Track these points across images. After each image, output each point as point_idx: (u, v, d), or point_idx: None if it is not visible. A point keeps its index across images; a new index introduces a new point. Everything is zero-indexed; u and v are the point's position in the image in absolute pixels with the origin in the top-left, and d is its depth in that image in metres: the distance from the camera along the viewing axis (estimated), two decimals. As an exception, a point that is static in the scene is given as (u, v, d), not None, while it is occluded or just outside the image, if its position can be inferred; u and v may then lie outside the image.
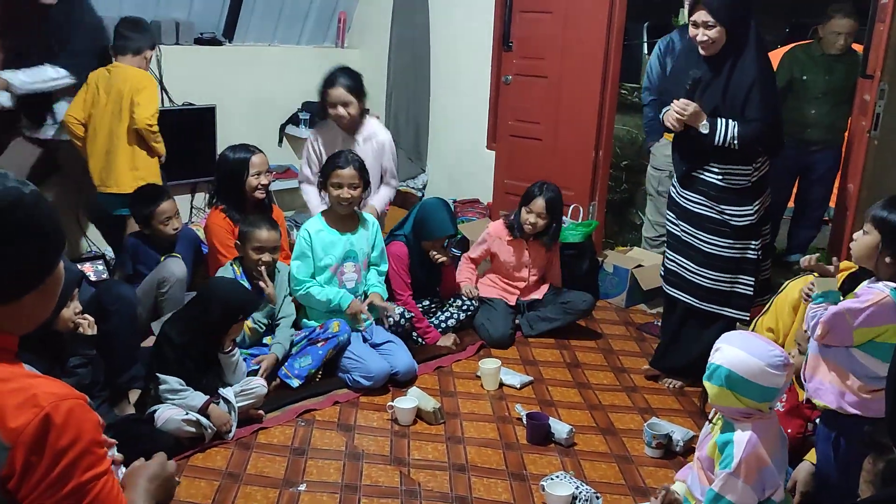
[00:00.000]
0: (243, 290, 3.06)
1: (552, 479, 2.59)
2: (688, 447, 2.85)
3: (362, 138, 3.88)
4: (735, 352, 2.07)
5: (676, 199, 3.26)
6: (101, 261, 4.02)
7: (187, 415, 2.71)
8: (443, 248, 3.79)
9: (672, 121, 3.08)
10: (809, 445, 2.48)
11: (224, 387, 2.89)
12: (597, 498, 2.54)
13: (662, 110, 3.19)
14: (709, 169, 3.10)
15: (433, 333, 3.69)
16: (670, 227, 3.33)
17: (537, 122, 4.76)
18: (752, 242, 3.15)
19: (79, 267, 3.49)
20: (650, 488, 2.63)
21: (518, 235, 3.91)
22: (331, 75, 3.87)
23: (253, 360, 3.16)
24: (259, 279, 3.26)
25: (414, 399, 3.05)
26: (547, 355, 3.70)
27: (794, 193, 4.85)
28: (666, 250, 3.39)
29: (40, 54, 3.65)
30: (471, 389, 3.33)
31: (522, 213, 3.86)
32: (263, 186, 3.57)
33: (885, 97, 3.27)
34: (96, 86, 3.77)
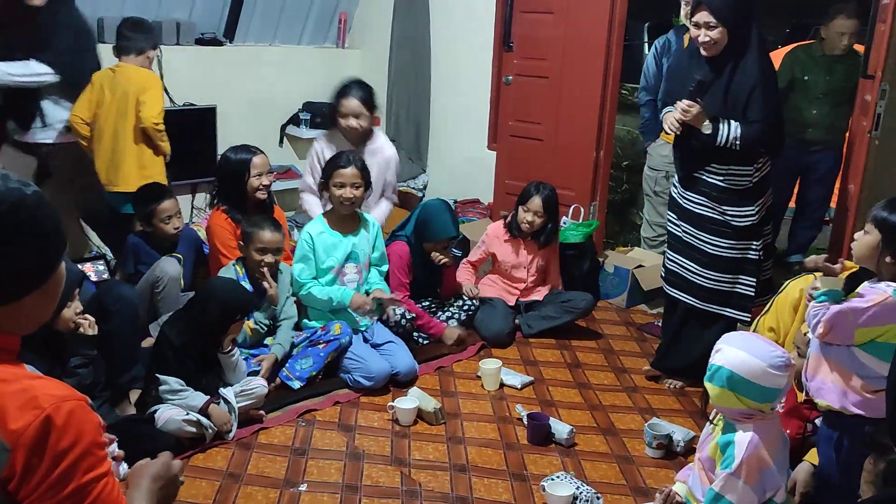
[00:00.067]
0: (242, 290, 3.06)
1: (553, 479, 2.59)
2: (688, 448, 2.85)
3: (369, 151, 3.89)
4: (736, 353, 2.07)
5: (677, 200, 3.26)
6: (101, 261, 4.02)
7: (188, 415, 2.71)
8: (444, 249, 3.79)
9: (671, 123, 3.08)
10: (808, 446, 2.48)
11: (224, 387, 2.89)
12: (597, 498, 2.54)
13: (663, 111, 3.19)
14: (710, 170, 3.09)
15: (437, 325, 3.68)
16: (671, 228, 3.33)
17: (538, 122, 4.76)
18: (754, 243, 3.14)
19: (79, 267, 3.49)
20: (651, 489, 2.62)
21: (516, 234, 3.93)
22: (345, 86, 3.88)
23: (254, 359, 3.16)
24: (262, 279, 3.26)
25: (415, 399, 3.05)
26: (547, 356, 3.70)
27: (794, 194, 4.85)
28: (666, 251, 3.39)
29: (26, 53, 3.64)
30: (471, 390, 3.33)
31: (519, 212, 3.89)
32: (265, 187, 3.57)
33: (886, 97, 3.26)
34: (101, 86, 3.79)
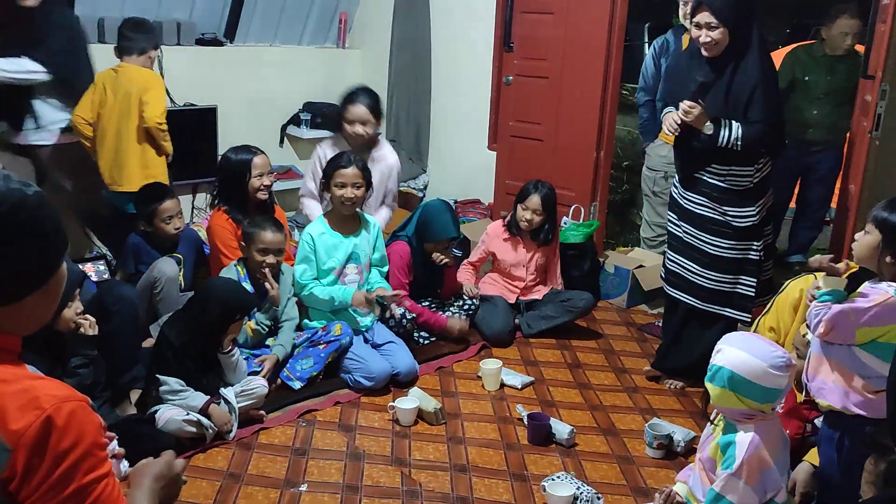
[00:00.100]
0: (241, 289, 3.06)
1: (553, 479, 2.59)
2: (689, 448, 2.85)
3: (373, 159, 3.90)
4: (737, 353, 2.07)
5: (678, 201, 3.26)
6: (102, 261, 4.02)
7: (188, 415, 2.71)
8: (445, 249, 3.79)
9: (669, 124, 3.08)
10: (808, 446, 2.47)
11: (225, 387, 2.89)
12: (598, 498, 2.54)
13: (663, 111, 3.18)
14: (711, 170, 3.09)
15: (439, 319, 3.68)
16: (672, 229, 3.33)
17: (538, 122, 4.76)
18: (755, 243, 3.14)
19: (80, 267, 3.49)
20: (651, 489, 2.62)
21: (514, 233, 3.94)
22: (352, 92, 3.91)
23: (255, 359, 3.16)
24: (263, 280, 3.25)
25: (415, 399, 3.05)
26: (548, 356, 3.70)
27: (795, 194, 4.85)
28: (667, 251, 3.39)
29: (19, 52, 3.64)
30: (472, 390, 3.33)
31: (518, 210, 3.91)
32: (266, 187, 3.57)
33: (887, 98, 3.26)
34: (103, 86, 3.80)
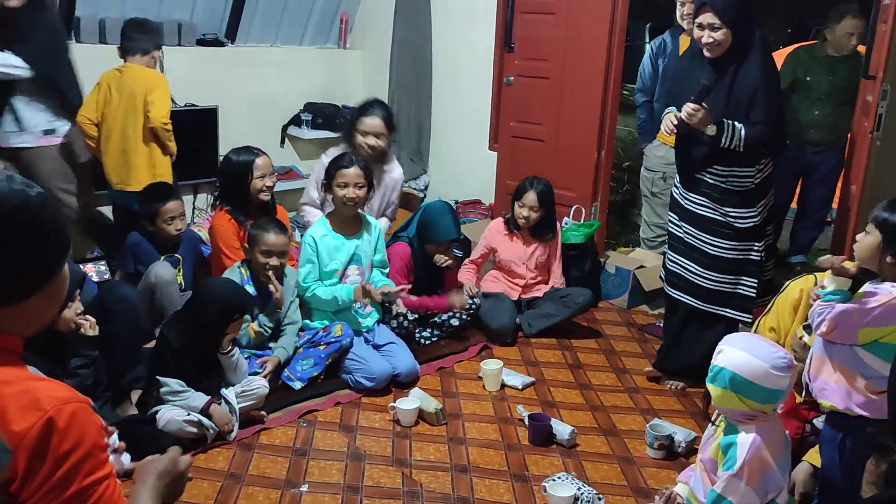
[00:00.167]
0: (239, 289, 3.04)
1: (554, 479, 2.59)
2: (690, 448, 2.85)
3: (381, 170, 3.92)
4: (738, 354, 2.07)
5: (679, 201, 3.26)
6: (103, 262, 4.03)
7: (189, 415, 2.71)
8: (446, 250, 3.79)
9: (666, 125, 3.07)
10: (807, 446, 2.47)
11: (226, 387, 2.90)
12: (599, 499, 2.54)
13: (665, 111, 3.17)
14: (712, 171, 3.09)
15: (439, 302, 3.66)
16: (672, 229, 3.33)
17: (539, 122, 4.76)
18: (756, 244, 3.14)
19: (81, 268, 3.49)
20: (652, 489, 2.62)
21: (513, 229, 3.97)
22: (368, 104, 3.92)
23: (257, 360, 3.15)
24: (267, 282, 3.23)
25: (416, 400, 3.05)
26: (549, 356, 3.70)
27: (796, 194, 4.85)
28: (667, 252, 3.38)
29: (1, 48, 3.63)
30: (472, 390, 3.33)
31: (515, 208, 3.94)
32: (268, 188, 3.56)
33: (888, 98, 3.26)
34: (108, 86, 3.81)
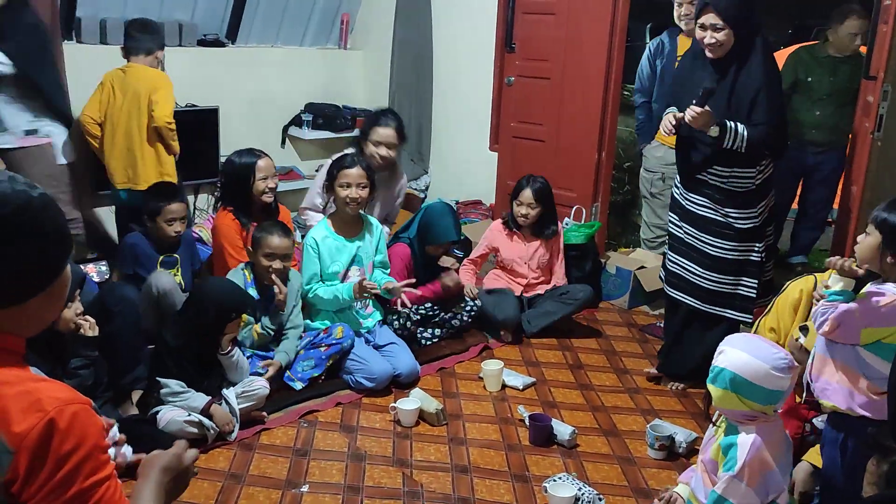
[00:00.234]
0: (236, 288, 3.03)
1: (555, 480, 2.59)
2: (690, 449, 2.85)
3: (389, 179, 3.95)
4: (739, 355, 2.07)
5: (679, 202, 3.25)
6: (104, 262, 4.03)
7: (190, 416, 2.71)
8: (446, 252, 3.79)
9: (665, 124, 3.07)
10: (807, 446, 2.47)
11: (228, 386, 2.90)
12: (599, 499, 2.54)
13: (666, 111, 3.17)
14: (713, 172, 3.08)
15: (434, 288, 3.66)
16: (673, 230, 3.32)
17: (540, 123, 4.76)
18: (756, 245, 3.14)
19: (81, 268, 3.49)
20: (653, 490, 2.62)
21: (514, 228, 3.99)
22: (381, 114, 3.94)
23: (262, 362, 3.14)
24: (270, 285, 3.21)
25: (416, 400, 3.05)
26: (549, 357, 3.70)
27: (797, 195, 4.84)
28: (667, 252, 3.38)
29: None
30: (473, 391, 3.33)
31: (514, 207, 3.95)
32: (271, 190, 3.55)
33: (889, 98, 3.26)
34: (111, 86, 3.82)
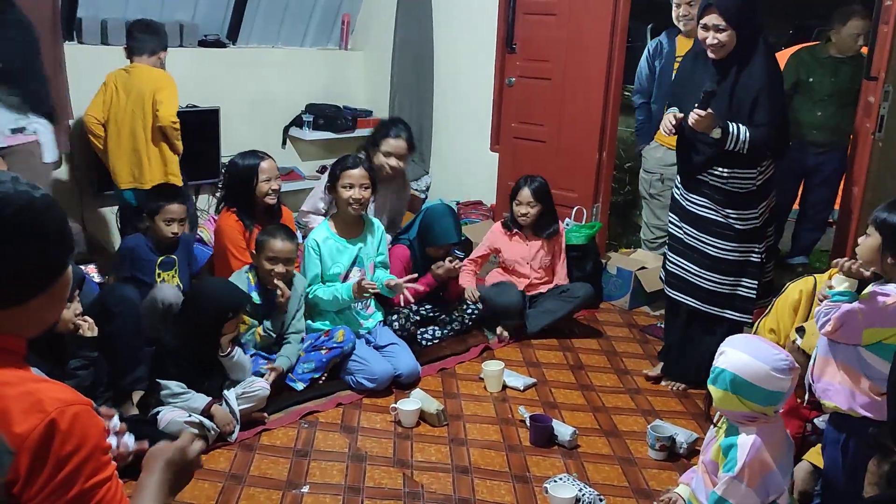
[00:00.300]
0: (234, 288, 3.02)
1: (555, 481, 2.59)
2: (691, 449, 2.85)
3: (395, 188, 3.97)
4: (740, 355, 2.07)
5: (680, 202, 3.25)
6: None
7: (190, 416, 2.71)
8: (446, 254, 3.78)
9: (665, 124, 3.07)
10: (808, 446, 2.48)
11: (231, 385, 2.90)
12: (600, 500, 2.54)
13: (667, 111, 3.17)
14: (714, 173, 3.08)
15: (428, 279, 3.65)
16: (673, 230, 3.32)
17: (541, 123, 4.76)
18: (756, 246, 3.14)
19: (82, 268, 3.48)
20: (654, 490, 2.62)
21: (513, 228, 4.00)
22: (392, 125, 3.95)
23: (265, 364, 3.13)
24: (274, 289, 3.20)
25: (417, 401, 3.05)
26: (550, 357, 3.70)
27: (798, 195, 4.84)
28: (667, 252, 3.38)
29: None
30: (474, 391, 3.33)
31: (514, 207, 3.96)
32: (274, 192, 3.54)
33: (890, 99, 3.26)
34: (115, 86, 3.83)
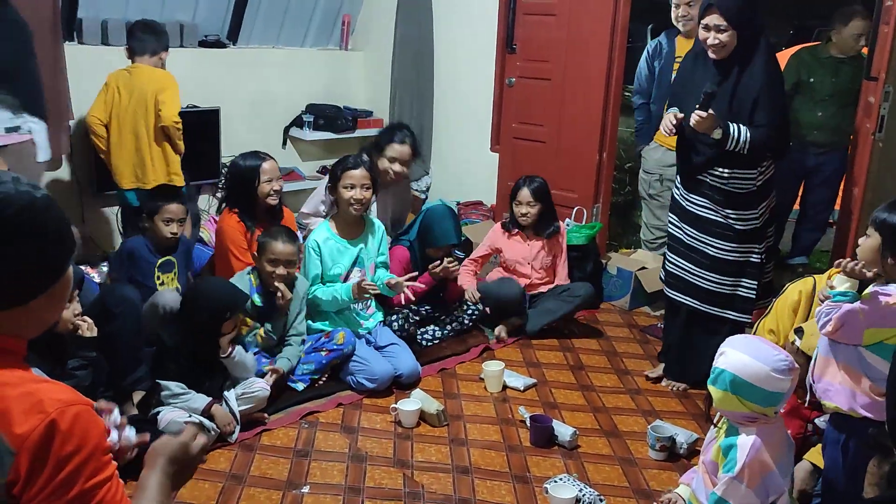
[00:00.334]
0: (231, 288, 3.02)
1: (556, 481, 2.59)
2: (691, 450, 2.85)
3: (398, 193, 4.00)
4: (740, 356, 2.07)
5: (679, 202, 3.25)
6: (105, 262, 4.03)
7: (190, 417, 2.70)
8: (446, 255, 3.78)
9: (665, 124, 3.06)
10: (809, 446, 2.48)
11: (233, 385, 2.90)
12: (600, 500, 2.54)
13: (667, 111, 3.16)
14: (714, 173, 3.08)
15: (426, 279, 3.66)
16: (673, 230, 3.32)
17: (541, 124, 4.76)
18: (756, 246, 3.14)
19: (82, 269, 3.49)
20: (654, 491, 2.62)
21: (515, 229, 4.00)
22: (396, 130, 3.96)
23: (268, 364, 3.13)
24: (274, 290, 3.19)
25: (417, 401, 3.05)
26: (550, 357, 3.70)
27: (799, 196, 4.84)
28: (667, 253, 3.38)
29: None
30: (474, 392, 3.33)
31: (514, 207, 3.96)
32: (276, 192, 3.54)
33: (890, 99, 3.26)
34: (116, 86, 3.83)
